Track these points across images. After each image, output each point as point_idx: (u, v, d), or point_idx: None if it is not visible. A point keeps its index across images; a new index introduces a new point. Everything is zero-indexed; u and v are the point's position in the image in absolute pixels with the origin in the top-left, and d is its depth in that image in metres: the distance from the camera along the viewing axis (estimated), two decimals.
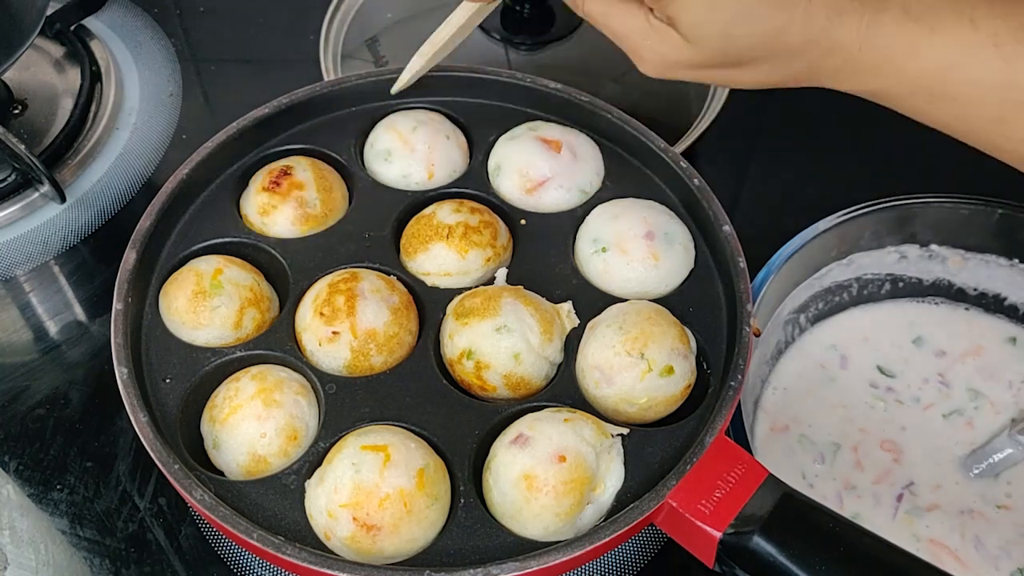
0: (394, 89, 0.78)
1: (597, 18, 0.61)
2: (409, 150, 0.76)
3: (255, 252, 0.72)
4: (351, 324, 0.65)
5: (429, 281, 0.70)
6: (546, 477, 0.59)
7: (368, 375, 0.66)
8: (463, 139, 0.79)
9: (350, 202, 0.76)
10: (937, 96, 0.55)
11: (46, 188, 0.92)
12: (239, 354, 0.67)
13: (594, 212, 0.73)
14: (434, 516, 0.59)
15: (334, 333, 0.65)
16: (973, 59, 0.53)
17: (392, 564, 0.58)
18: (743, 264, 0.68)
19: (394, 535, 0.58)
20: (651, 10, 0.59)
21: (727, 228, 0.70)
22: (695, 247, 0.72)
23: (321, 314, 0.66)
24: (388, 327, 0.66)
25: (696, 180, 0.73)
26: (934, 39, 0.54)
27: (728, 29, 0.56)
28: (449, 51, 0.76)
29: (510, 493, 0.59)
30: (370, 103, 0.80)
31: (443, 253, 0.70)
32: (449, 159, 0.76)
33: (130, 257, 0.68)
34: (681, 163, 0.74)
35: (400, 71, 0.78)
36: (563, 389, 0.65)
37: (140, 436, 0.61)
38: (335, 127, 0.79)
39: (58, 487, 0.76)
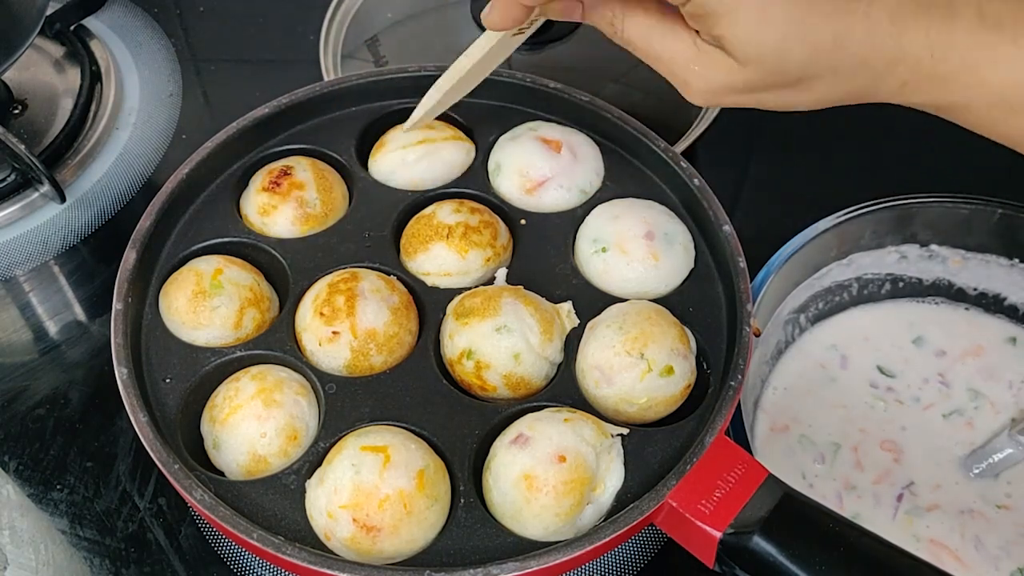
0: (406, 126, 0.75)
1: (638, 44, 0.57)
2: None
3: (255, 252, 0.72)
4: (351, 324, 0.65)
5: (429, 281, 0.70)
6: (546, 477, 0.59)
7: (368, 375, 0.66)
8: None
9: (350, 202, 0.76)
10: (1019, 109, 0.52)
11: (46, 188, 0.92)
12: (239, 354, 0.66)
13: (594, 212, 0.73)
14: (434, 517, 0.59)
15: (334, 333, 0.65)
16: None
17: (392, 564, 0.58)
18: (743, 264, 0.68)
19: (394, 536, 0.58)
20: (697, 32, 0.54)
21: (727, 228, 0.70)
22: (695, 247, 0.72)
23: (321, 314, 0.66)
24: (388, 327, 0.66)
25: (696, 180, 0.73)
26: (1018, 50, 0.50)
27: (782, 44, 0.52)
28: (471, 86, 0.72)
29: (510, 493, 0.59)
30: (370, 103, 0.80)
31: (443, 253, 0.70)
32: None
33: (130, 257, 0.68)
34: (681, 163, 0.74)
35: (400, 71, 0.78)
36: (563, 389, 0.65)
37: (140, 436, 0.61)
38: (335, 127, 0.79)
39: (58, 487, 0.76)
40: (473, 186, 0.76)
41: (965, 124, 0.54)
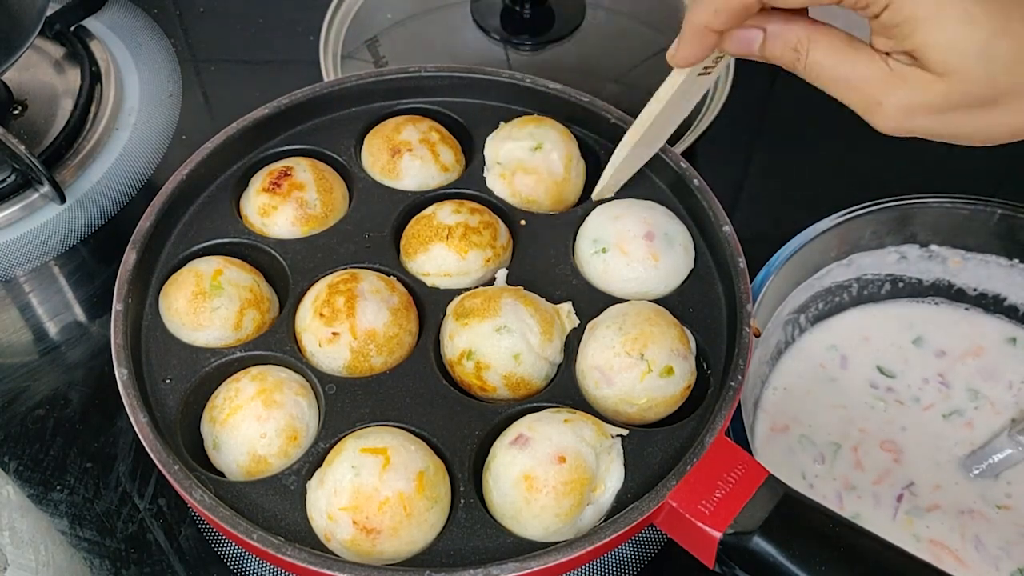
0: (595, 194, 0.74)
1: (825, 70, 0.53)
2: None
3: (255, 253, 0.72)
4: (351, 325, 0.65)
5: (429, 282, 0.70)
6: (546, 478, 0.59)
7: (368, 376, 0.66)
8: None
9: (350, 203, 0.76)
10: None
11: (46, 188, 0.92)
12: (239, 355, 0.66)
13: (594, 213, 0.73)
14: (434, 518, 0.59)
15: (334, 334, 0.65)
16: None
17: (392, 565, 0.58)
18: (743, 264, 0.68)
19: (394, 538, 0.58)
20: (887, 55, 0.51)
21: (727, 228, 0.70)
22: (695, 247, 0.72)
23: (321, 315, 0.66)
24: (388, 328, 0.66)
25: (696, 180, 0.73)
26: None
27: (989, 49, 0.47)
28: (660, 140, 0.70)
29: (510, 494, 0.59)
30: (370, 103, 0.80)
31: (443, 253, 0.70)
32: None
33: (130, 257, 0.68)
34: (681, 163, 0.74)
35: (400, 71, 0.78)
36: (563, 390, 0.65)
37: (140, 437, 0.61)
38: (335, 127, 0.79)
39: (58, 488, 0.76)
40: (473, 186, 0.76)
41: None
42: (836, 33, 0.53)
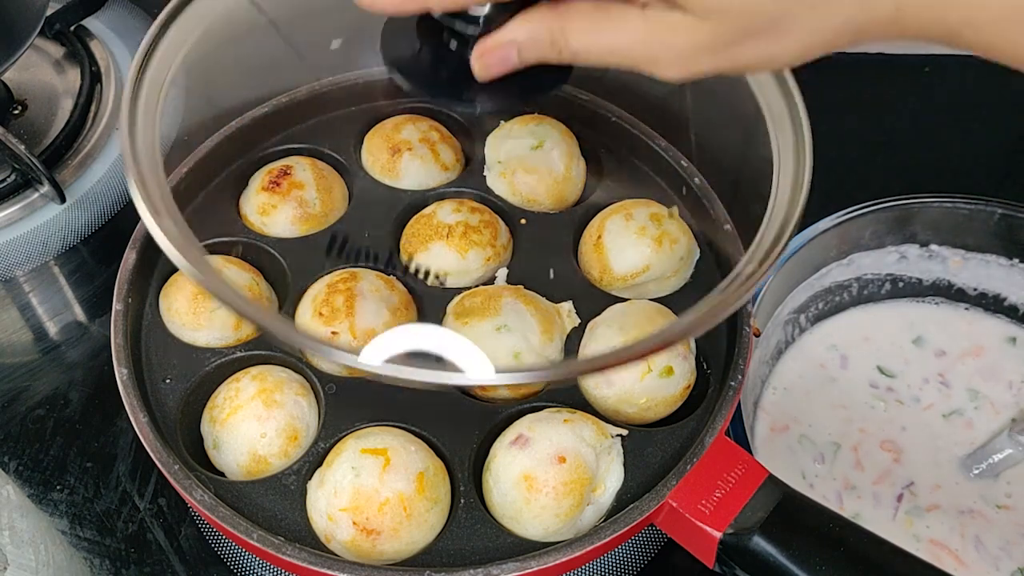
0: None
1: (589, 47, 0.50)
2: None
3: (254, 252, 0.72)
4: (350, 324, 0.65)
5: (429, 281, 0.70)
6: (546, 478, 0.59)
7: (368, 375, 0.66)
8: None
9: (349, 202, 0.76)
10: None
11: (46, 188, 0.92)
12: (239, 354, 0.66)
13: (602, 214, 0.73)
14: (434, 519, 0.59)
15: (333, 333, 0.65)
16: None
17: (392, 565, 0.58)
18: None
19: (394, 539, 0.58)
20: (644, 6, 0.48)
21: (727, 228, 0.70)
22: (695, 247, 0.72)
23: (320, 314, 0.66)
24: (387, 327, 0.66)
25: (696, 179, 0.73)
26: None
27: None
28: None
29: (510, 494, 0.59)
30: (370, 102, 0.80)
31: (443, 252, 0.70)
32: None
33: (130, 257, 0.68)
34: (681, 162, 0.74)
35: None
36: (563, 390, 0.65)
37: (140, 437, 0.61)
38: (335, 127, 0.79)
39: (58, 487, 0.76)
40: (473, 185, 0.76)
41: (967, 47, 0.47)
42: (583, 7, 0.49)
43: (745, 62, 0.48)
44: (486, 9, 0.50)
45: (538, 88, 0.53)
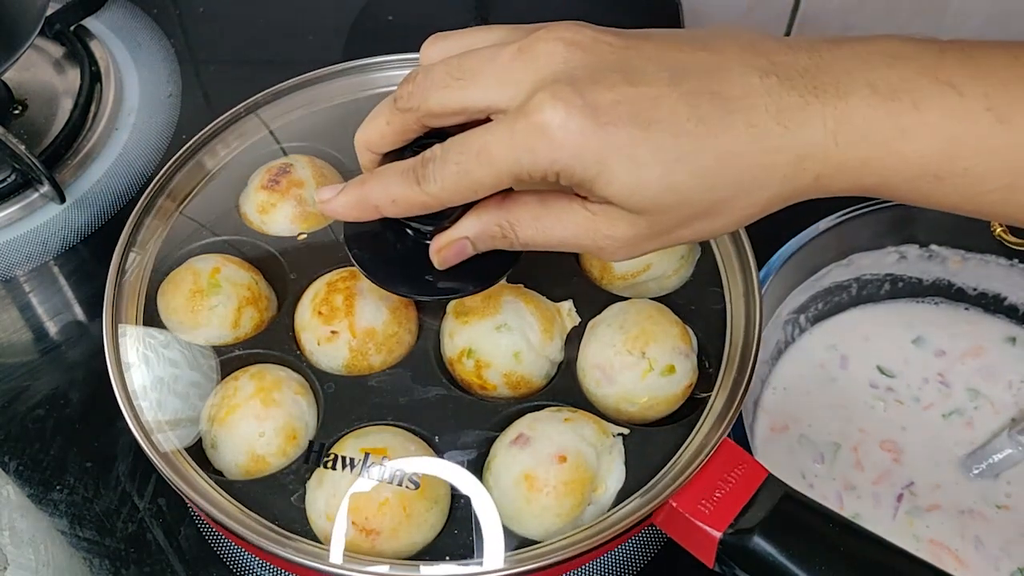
0: None
1: (536, 237, 0.52)
2: None
3: (253, 250, 0.72)
4: (350, 323, 0.65)
5: None
6: (547, 477, 0.58)
7: (367, 374, 0.66)
8: None
9: None
10: (945, 175, 0.48)
11: (46, 188, 0.92)
12: (237, 353, 0.66)
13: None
14: (433, 519, 0.59)
15: (332, 332, 0.65)
16: (972, 129, 0.47)
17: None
18: None
19: (393, 539, 0.58)
20: (584, 200, 0.50)
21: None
22: (695, 247, 0.72)
23: (319, 313, 0.66)
24: (387, 326, 0.66)
25: None
26: (922, 115, 0.47)
27: (666, 180, 0.47)
28: None
29: (510, 493, 0.59)
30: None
31: None
32: None
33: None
34: None
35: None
36: (563, 388, 0.65)
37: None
38: (334, 124, 0.79)
39: (58, 487, 0.76)
40: None
41: (894, 199, 0.51)
42: (528, 200, 0.52)
43: (689, 239, 0.52)
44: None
45: (488, 273, 0.59)
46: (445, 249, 0.55)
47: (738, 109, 0.47)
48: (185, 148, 0.75)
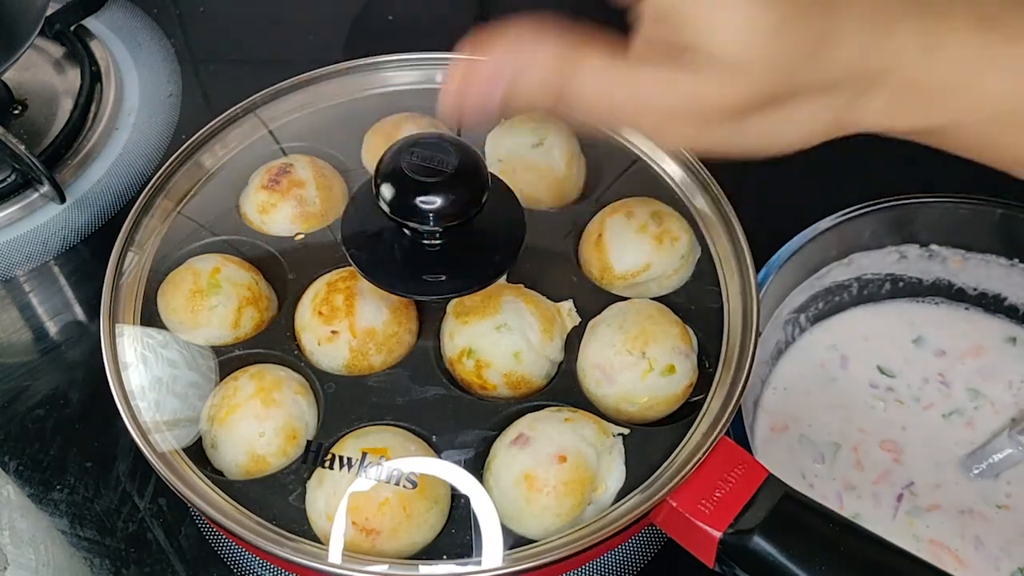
0: None
1: (600, 92, 0.46)
2: None
3: (253, 250, 0.72)
4: (350, 323, 0.65)
5: None
6: (547, 477, 0.58)
7: (367, 374, 0.66)
8: None
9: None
10: (1018, 122, 0.45)
11: (46, 188, 0.92)
12: (237, 353, 0.66)
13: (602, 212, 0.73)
14: (433, 519, 0.59)
15: (333, 332, 0.65)
16: None
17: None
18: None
19: (393, 539, 0.58)
20: (659, 65, 0.45)
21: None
22: (695, 247, 0.72)
23: (320, 313, 0.66)
24: (387, 326, 0.66)
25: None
26: (1015, 48, 0.44)
27: (784, 32, 0.43)
28: None
29: (510, 493, 0.59)
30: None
31: None
32: None
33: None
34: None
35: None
36: (563, 388, 0.65)
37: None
38: (334, 124, 0.79)
39: (58, 487, 0.76)
40: None
41: (951, 148, 0.48)
42: (593, 54, 0.46)
43: (756, 141, 0.47)
44: (438, 203, 0.53)
45: (488, 273, 0.59)
46: (471, 84, 0.46)
47: (845, 4, 0.44)
48: (184, 148, 0.75)
